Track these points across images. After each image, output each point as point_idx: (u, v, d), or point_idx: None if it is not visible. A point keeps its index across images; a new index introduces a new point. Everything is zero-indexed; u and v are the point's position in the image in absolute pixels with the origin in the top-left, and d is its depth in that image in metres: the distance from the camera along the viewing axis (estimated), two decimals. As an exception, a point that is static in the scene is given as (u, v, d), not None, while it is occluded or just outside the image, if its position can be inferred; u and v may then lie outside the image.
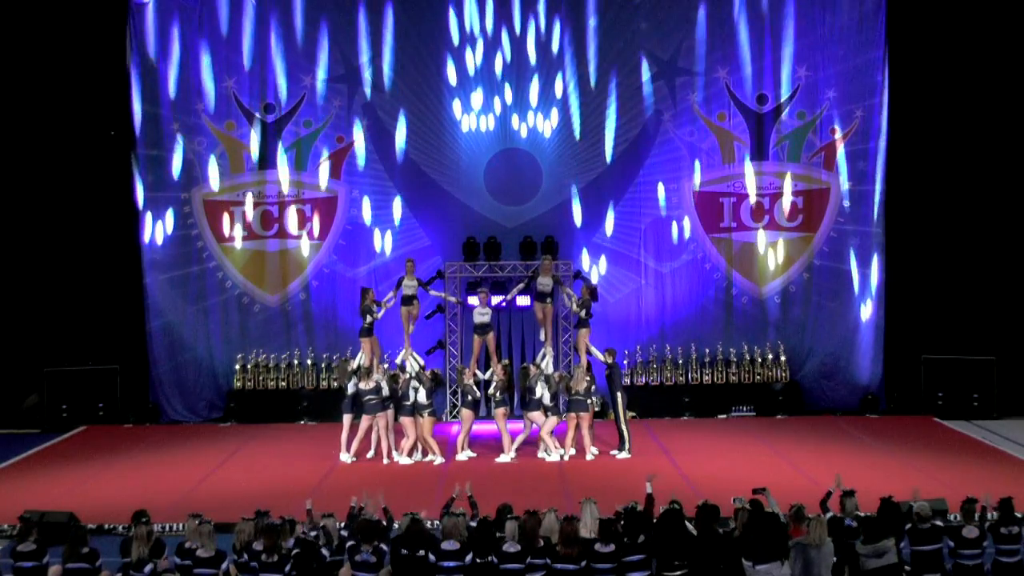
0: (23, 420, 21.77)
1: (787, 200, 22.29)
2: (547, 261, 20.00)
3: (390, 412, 18.12)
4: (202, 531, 11.25)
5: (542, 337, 19.90)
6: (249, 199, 22.30)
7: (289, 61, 22.13)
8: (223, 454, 18.93)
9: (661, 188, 22.39)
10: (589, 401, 18.24)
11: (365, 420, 17.99)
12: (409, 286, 19.36)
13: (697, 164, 22.33)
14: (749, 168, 22.28)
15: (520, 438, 18.40)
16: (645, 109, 22.30)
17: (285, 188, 22.31)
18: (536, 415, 18.24)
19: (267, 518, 11.76)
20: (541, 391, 18.13)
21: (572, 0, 22.11)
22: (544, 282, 19.80)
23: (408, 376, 18.26)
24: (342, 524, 11.97)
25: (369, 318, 18.93)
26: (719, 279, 22.50)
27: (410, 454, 18.14)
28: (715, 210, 22.47)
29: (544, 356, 19.18)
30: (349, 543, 11.35)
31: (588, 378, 18.28)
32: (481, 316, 19.58)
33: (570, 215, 22.28)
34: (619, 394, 18.49)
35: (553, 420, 18.35)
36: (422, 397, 17.98)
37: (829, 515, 11.68)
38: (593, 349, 19.13)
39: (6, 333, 22.01)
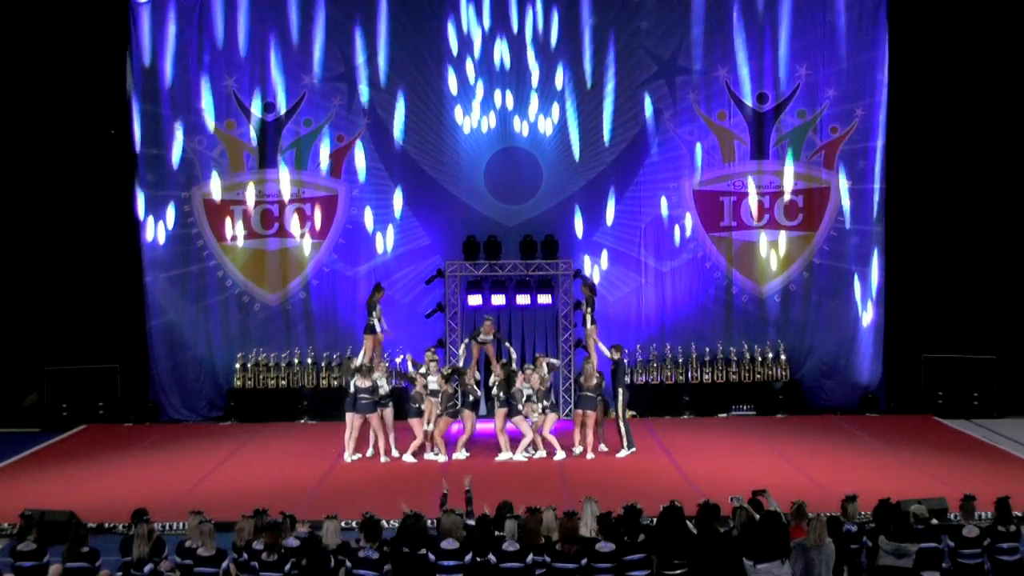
0: (23, 419, 21.75)
1: (787, 199, 22.30)
2: (488, 322, 19.68)
3: (388, 411, 18.13)
4: (203, 530, 11.26)
5: (491, 381, 18.98)
6: (249, 198, 22.30)
7: (289, 60, 22.11)
8: (223, 453, 18.93)
9: (661, 187, 22.39)
10: (598, 398, 18.23)
11: (357, 419, 17.95)
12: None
13: (697, 163, 22.34)
14: (749, 167, 22.28)
15: (525, 442, 18.33)
16: (645, 108, 22.30)
17: (285, 187, 22.32)
18: (518, 419, 18.13)
19: (266, 516, 11.77)
20: (525, 393, 18.02)
21: (572, -1, 22.16)
22: (485, 339, 19.56)
23: (426, 379, 18.21)
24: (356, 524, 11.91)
25: (370, 315, 19.02)
26: (719, 278, 22.50)
27: (415, 454, 18.14)
28: (715, 209, 22.46)
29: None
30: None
31: (598, 374, 18.26)
32: (484, 337, 19.62)
33: (571, 214, 22.27)
34: (621, 390, 18.43)
35: (552, 417, 18.28)
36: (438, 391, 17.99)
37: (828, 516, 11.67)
38: (601, 345, 19.07)
39: (6, 332, 22.00)
